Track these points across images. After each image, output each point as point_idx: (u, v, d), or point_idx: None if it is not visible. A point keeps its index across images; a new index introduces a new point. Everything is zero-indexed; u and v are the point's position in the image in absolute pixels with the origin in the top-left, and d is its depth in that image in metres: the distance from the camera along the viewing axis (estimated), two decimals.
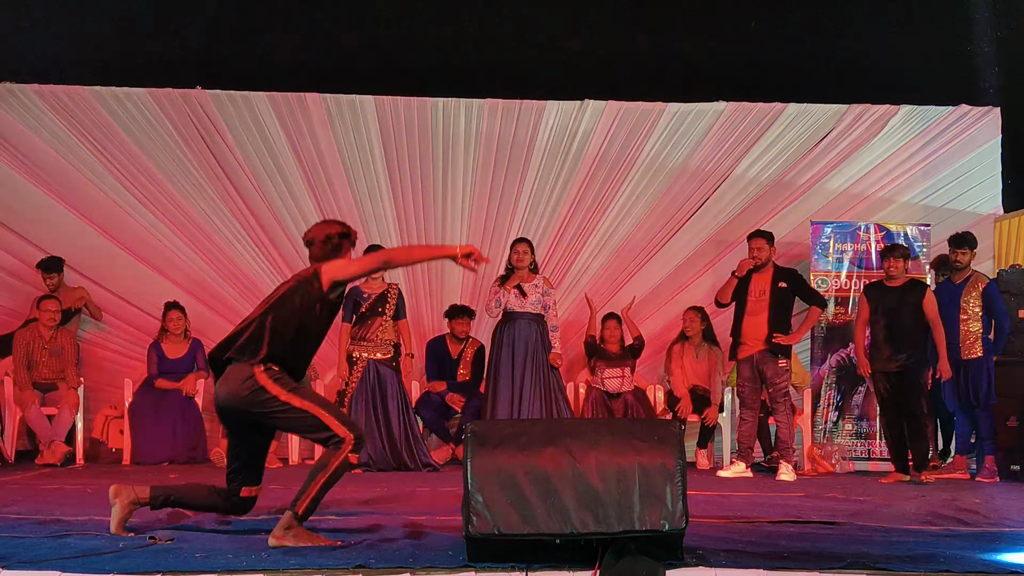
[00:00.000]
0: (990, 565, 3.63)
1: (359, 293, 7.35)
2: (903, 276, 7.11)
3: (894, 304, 7.03)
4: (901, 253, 7.11)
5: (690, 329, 8.05)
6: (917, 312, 6.97)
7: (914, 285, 7.11)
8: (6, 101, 8.60)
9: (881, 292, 7.15)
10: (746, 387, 7.22)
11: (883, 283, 7.20)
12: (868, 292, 7.30)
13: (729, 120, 8.95)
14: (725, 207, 8.94)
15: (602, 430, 3.65)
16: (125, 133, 8.65)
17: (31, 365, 7.72)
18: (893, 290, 7.08)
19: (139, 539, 3.96)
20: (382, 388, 7.27)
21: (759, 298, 7.20)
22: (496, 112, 8.87)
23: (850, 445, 8.03)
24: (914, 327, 6.97)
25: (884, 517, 4.97)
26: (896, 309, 7.01)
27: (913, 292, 7.04)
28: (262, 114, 8.76)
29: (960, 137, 9.00)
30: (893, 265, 7.06)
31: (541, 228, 8.86)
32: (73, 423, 7.69)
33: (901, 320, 6.98)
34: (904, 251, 7.17)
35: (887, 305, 7.06)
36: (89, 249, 8.54)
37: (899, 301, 7.02)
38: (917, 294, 7.02)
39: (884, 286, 7.17)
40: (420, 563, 3.50)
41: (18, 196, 8.57)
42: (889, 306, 7.04)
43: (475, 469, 3.53)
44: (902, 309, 7.00)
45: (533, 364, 7.49)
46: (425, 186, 8.86)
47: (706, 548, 3.83)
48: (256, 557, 3.61)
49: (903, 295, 7.02)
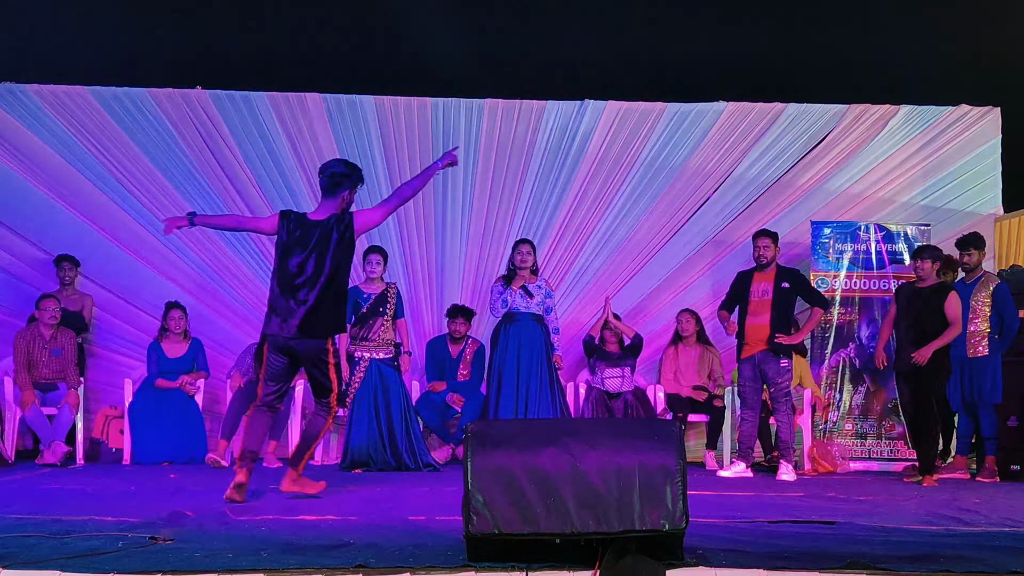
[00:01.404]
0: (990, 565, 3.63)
1: (359, 293, 7.34)
2: (932, 278, 7.05)
3: (920, 305, 7.00)
4: (930, 254, 7.06)
5: (685, 330, 8.07)
6: (942, 314, 6.91)
7: (941, 287, 7.04)
8: (6, 101, 8.61)
9: (910, 293, 7.12)
10: (747, 387, 7.22)
11: (914, 284, 7.17)
12: (898, 292, 7.28)
13: (729, 120, 8.96)
14: (725, 207, 8.94)
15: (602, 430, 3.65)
16: (125, 133, 8.66)
17: (31, 365, 7.72)
18: (921, 291, 7.05)
19: (139, 539, 3.96)
20: (385, 388, 7.27)
21: (761, 298, 7.20)
22: (496, 112, 8.87)
23: (850, 445, 8.03)
24: (938, 330, 6.90)
25: (884, 517, 4.96)
26: (921, 310, 6.98)
27: (938, 294, 6.97)
28: (262, 114, 8.77)
29: (960, 137, 9.01)
30: (920, 267, 7.03)
31: (541, 228, 8.86)
32: (73, 423, 7.69)
33: (924, 322, 6.94)
34: (934, 252, 7.11)
35: (914, 306, 7.03)
36: (89, 249, 8.54)
37: (925, 303, 6.98)
38: (941, 296, 6.96)
39: (914, 287, 7.13)
40: (420, 563, 3.50)
41: (18, 196, 8.57)
42: (915, 307, 7.01)
43: (475, 469, 3.53)
44: (926, 311, 6.95)
45: (539, 364, 7.48)
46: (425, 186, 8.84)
47: (706, 548, 3.82)
48: (256, 557, 3.61)
49: (929, 297, 6.98)
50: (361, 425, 7.20)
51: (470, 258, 8.84)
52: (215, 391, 8.33)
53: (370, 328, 7.33)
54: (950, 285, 7.20)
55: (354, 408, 7.23)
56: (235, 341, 8.42)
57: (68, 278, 8.22)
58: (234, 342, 8.41)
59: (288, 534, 4.16)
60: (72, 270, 8.25)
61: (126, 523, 4.43)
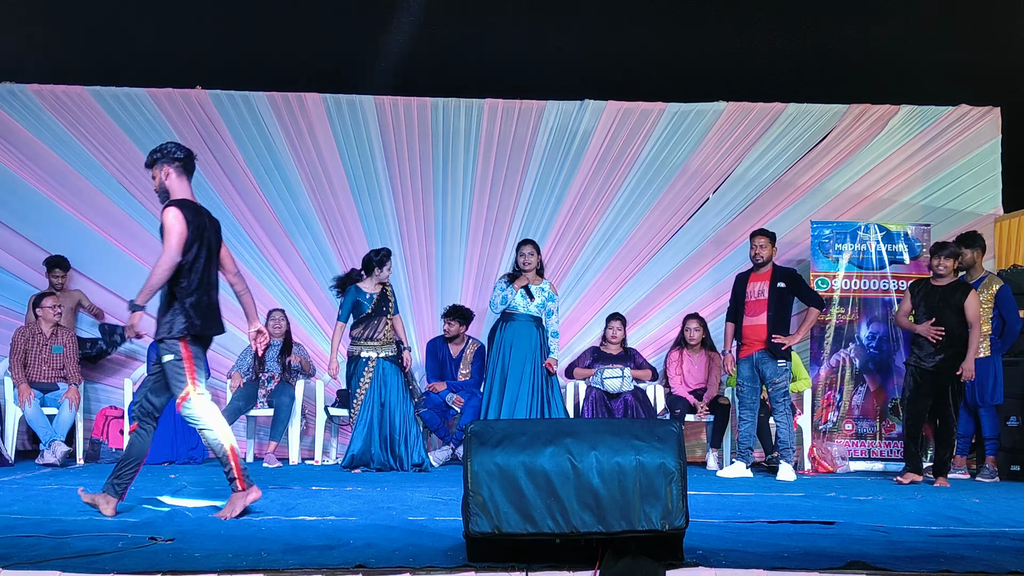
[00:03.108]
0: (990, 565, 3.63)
1: (362, 294, 7.34)
2: (951, 275, 7.01)
3: (937, 302, 6.93)
4: (950, 252, 6.99)
5: (692, 338, 8.06)
6: (960, 313, 6.85)
7: (959, 285, 6.98)
8: (6, 101, 8.62)
9: (927, 289, 7.06)
10: (746, 387, 7.23)
11: (929, 281, 7.11)
12: (913, 287, 7.22)
13: (729, 120, 8.96)
14: (725, 207, 8.94)
15: (602, 430, 3.65)
16: (125, 133, 8.66)
17: (29, 363, 7.73)
18: (938, 289, 6.99)
19: (139, 539, 3.96)
20: (388, 386, 7.29)
21: (758, 298, 7.20)
22: (496, 112, 8.88)
23: (850, 445, 8.03)
24: (955, 328, 6.84)
25: (884, 517, 4.97)
26: (939, 308, 6.91)
27: (957, 292, 6.91)
28: (262, 114, 8.77)
29: (960, 137, 9.01)
30: (942, 264, 6.95)
31: (541, 228, 8.86)
32: (73, 423, 7.69)
33: (943, 320, 6.87)
34: (953, 250, 7.03)
35: (931, 303, 6.97)
36: (89, 249, 8.55)
37: (943, 300, 6.92)
38: (960, 295, 6.89)
39: (930, 284, 7.07)
40: (420, 563, 3.50)
41: (18, 196, 8.58)
42: (932, 304, 6.95)
43: (475, 469, 3.53)
44: (945, 309, 6.89)
45: (531, 366, 7.49)
46: (425, 186, 8.86)
47: (706, 548, 3.83)
48: (256, 557, 3.61)
49: (948, 294, 6.93)
50: (368, 425, 7.20)
51: (470, 258, 8.84)
52: (215, 391, 8.31)
53: (375, 328, 7.34)
54: (969, 284, 7.12)
55: (365, 409, 7.22)
56: (235, 341, 8.41)
57: (59, 284, 8.21)
58: (234, 342, 8.40)
59: (288, 534, 4.16)
60: (63, 276, 8.25)
61: (126, 523, 4.44)
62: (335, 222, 8.77)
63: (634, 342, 8.44)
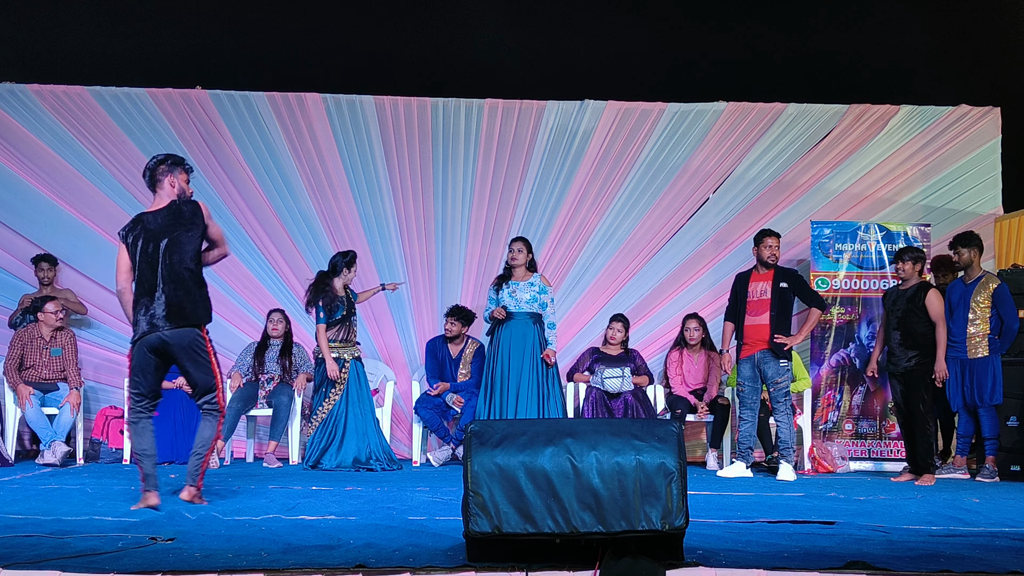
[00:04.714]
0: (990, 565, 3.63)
1: (339, 298, 7.49)
2: (915, 278, 7.16)
3: (904, 306, 7.12)
4: (910, 256, 7.16)
5: (692, 339, 8.06)
6: (925, 313, 7.03)
7: (921, 287, 7.15)
8: (6, 101, 8.61)
9: (895, 296, 7.25)
10: (746, 387, 7.23)
11: (898, 286, 7.27)
12: (885, 297, 7.42)
13: (729, 120, 8.95)
14: (725, 207, 8.94)
15: (602, 430, 3.65)
16: (125, 133, 8.66)
17: (28, 365, 7.72)
18: (904, 292, 7.17)
19: (139, 539, 3.96)
20: (361, 384, 7.52)
21: (760, 298, 7.20)
22: (496, 112, 8.87)
23: (850, 445, 8.03)
24: (923, 329, 7.03)
25: (884, 517, 4.97)
26: (906, 311, 7.10)
27: (919, 294, 7.09)
28: (262, 114, 8.77)
29: (960, 137, 9.00)
30: (901, 268, 7.16)
31: (541, 228, 8.86)
32: (73, 423, 7.69)
33: (909, 322, 7.06)
34: (914, 253, 7.20)
35: (898, 308, 7.16)
36: (89, 249, 8.54)
37: (909, 303, 7.10)
38: (922, 295, 7.08)
39: (898, 289, 7.25)
40: (420, 563, 3.50)
41: (18, 196, 8.58)
42: (900, 308, 7.15)
43: (475, 469, 3.53)
44: (911, 312, 7.07)
45: (529, 363, 7.50)
46: (425, 186, 8.86)
47: (706, 548, 3.83)
48: (256, 557, 3.61)
49: (912, 297, 7.10)
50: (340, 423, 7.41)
51: (470, 258, 8.84)
52: None
53: (349, 330, 7.55)
54: (929, 284, 7.32)
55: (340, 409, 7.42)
56: (235, 341, 8.42)
57: (47, 278, 8.22)
58: (234, 342, 8.41)
59: (288, 534, 4.16)
60: (50, 270, 8.27)
61: (126, 523, 4.44)
62: (335, 222, 8.77)
63: (634, 342, 8.43)
